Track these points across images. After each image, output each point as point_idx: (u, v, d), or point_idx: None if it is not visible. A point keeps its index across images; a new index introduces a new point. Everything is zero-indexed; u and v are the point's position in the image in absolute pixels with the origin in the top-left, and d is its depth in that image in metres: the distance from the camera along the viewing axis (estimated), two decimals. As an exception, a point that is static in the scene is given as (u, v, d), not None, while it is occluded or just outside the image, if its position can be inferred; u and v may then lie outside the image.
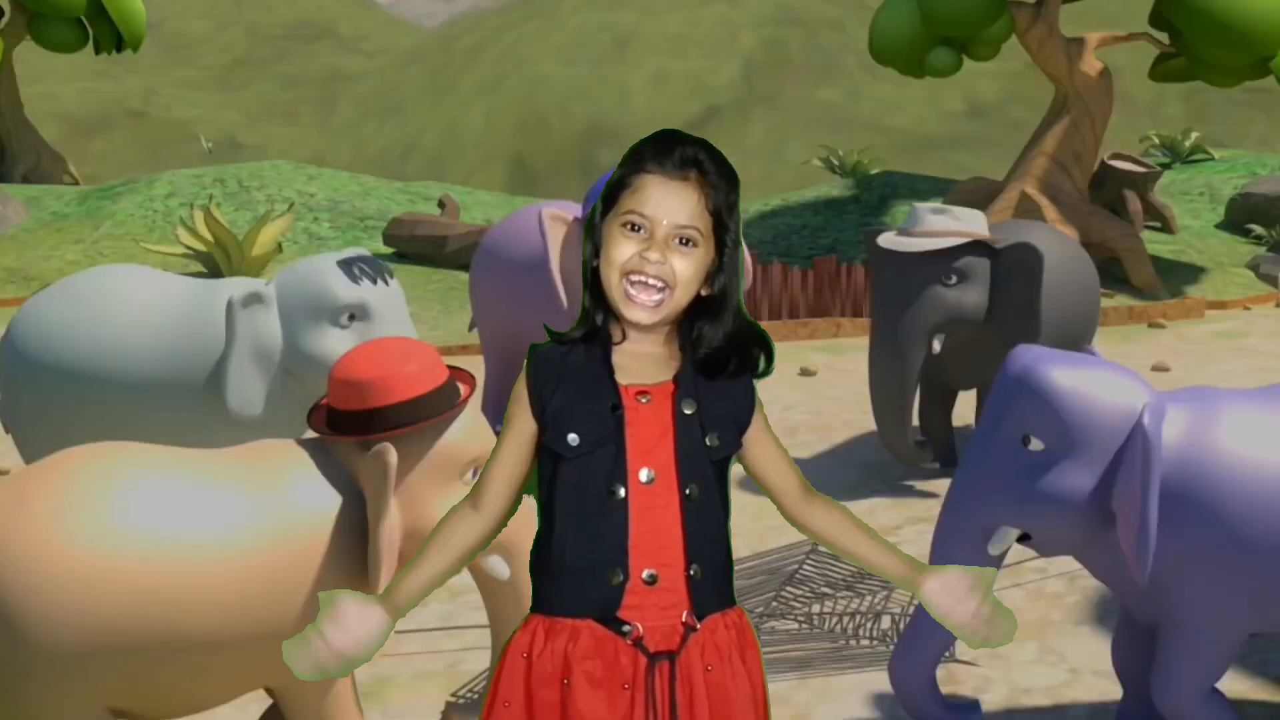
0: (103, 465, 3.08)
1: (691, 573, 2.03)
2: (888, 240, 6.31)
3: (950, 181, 17.66)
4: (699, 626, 2.04)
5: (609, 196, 2.06)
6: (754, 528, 5.70)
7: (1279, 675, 4.30)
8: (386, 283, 4.99)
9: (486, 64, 54.20)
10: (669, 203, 2.01)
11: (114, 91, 52.57)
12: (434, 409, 3.17)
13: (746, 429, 2.11)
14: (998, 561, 3.56)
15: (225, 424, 4.84)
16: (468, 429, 3.25)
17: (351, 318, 4.90)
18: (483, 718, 2.11)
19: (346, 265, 4.94)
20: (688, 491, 2.03)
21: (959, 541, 3.52)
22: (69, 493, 2.98)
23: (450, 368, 3.34)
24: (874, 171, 20.04)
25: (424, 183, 19.89)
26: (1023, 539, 3.52)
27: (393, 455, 3.08)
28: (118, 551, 2.94)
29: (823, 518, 2.16)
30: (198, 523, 3.04)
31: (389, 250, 15.21)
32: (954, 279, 6.21)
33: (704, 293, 2.06)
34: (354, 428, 3.18)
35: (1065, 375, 3.34)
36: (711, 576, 2.06)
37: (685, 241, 2.02)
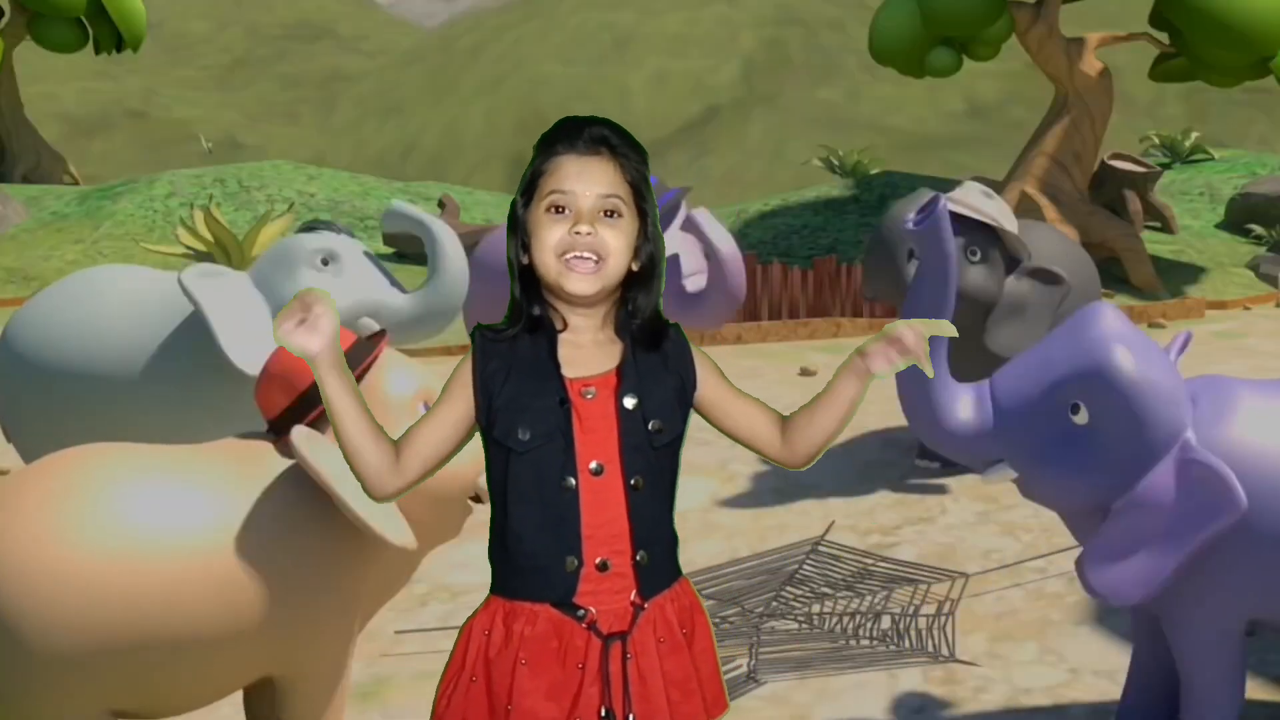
0: (94, 466, 3.08)
1: (638, 559, 2.11)
2: (904, 202, 6.45)
3: (950, 181, 17.63)
4: (646, 606, 2.12)
5: (527, 189, 2.11)
6: (754, 528, 5.70)
7: (1279, 675, 4.30)
8: (348, 235, 5.28)
9: (486, 64, 54.21)
10: (587, 176, 2.07)
11: (114, 91, 52.58)
12: (352, 368, 3.17)
13: (691, 403, 2.18)
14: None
15: (221, 417, 4.84)
16: (398, 373, 3.25)
17: (325, 262, 5.10)
18: (443, 690, 2.15)
19: (305, 227, 5.30)
20: (632, 482, 2.10)
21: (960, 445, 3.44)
22: (62, 495, 2.98)
23: (353, 333, 3.34)
24: (874, 171, 20.05)
25: (424, 183, 19.91)
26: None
27: (302, 440, 3.04)
28: (110, 552, 2.94)
29: (795, 435, 2.20)
30: (189, 520, 3.04)
31: (389, 250, 15.22)
32: (977, 255, 6.28)
33: (634, 267, 2.12)
34: (289, 423, 3.19)
35: (1136, 368, 3.28)
36: (657, 560, 2.14)
37: (610, 213, 2.07)
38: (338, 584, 3.22)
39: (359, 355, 3.21)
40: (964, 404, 3.38)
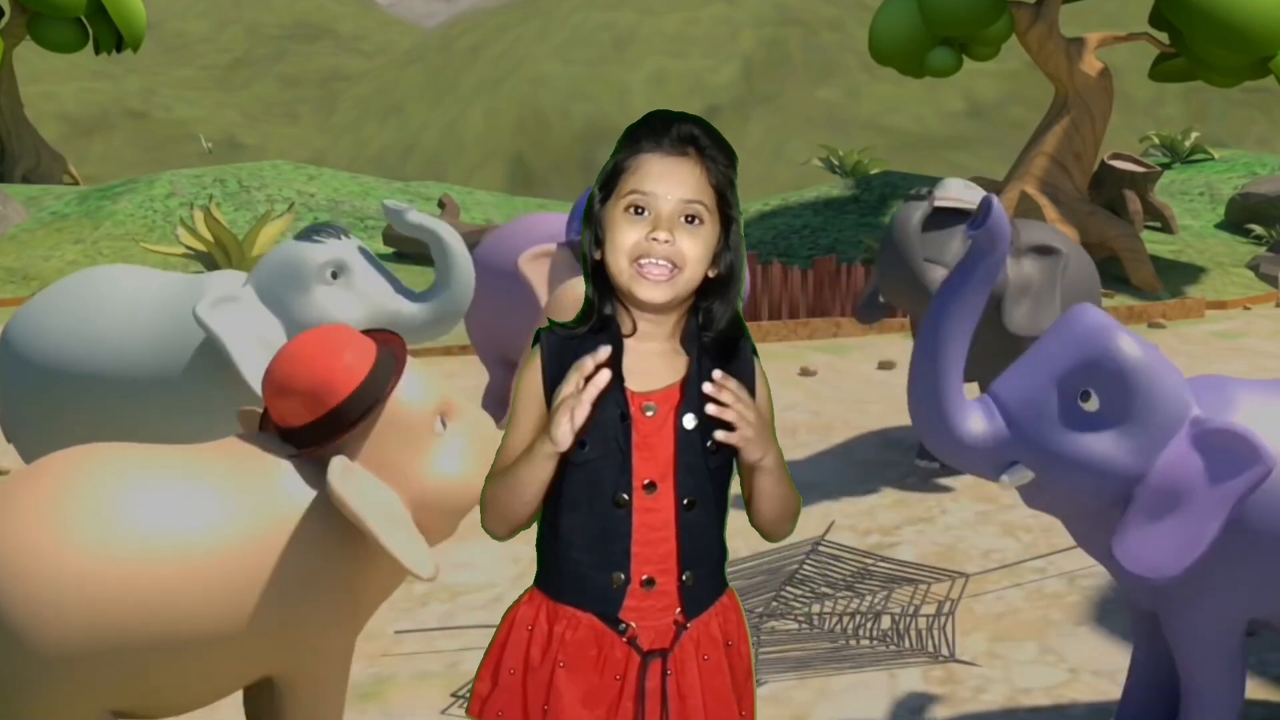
0: (93, 467, 3.08)
1: (684, 579, 2.07)
2: (912, 204, 6.39)
3: (950, 181, 17.64)
4: (689, 625, 2.09)
5: (606, 183, 2.03)
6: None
7: (1279, 675, 4.31)
8: (348, 236, 5.22)
9: (486, 64, 54.19)
10: (671, 179, 1.98)
11: (114, 91, 52.56)
12: (380, 387, 3.14)
13: None
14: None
15: (222, 417, 4.84)
16: (419, 386, 3.21)
17: (334, 274, 5.06)
18: (482, 676, 2.14)
19: (305, 236, 5.16)
20: (685, 502, 2.06)
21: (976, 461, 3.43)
22: (59, 496, 2.98)
23: (370, 335, 3.30)
24: (874, 171, 20.05)
25: (424, 183, 19.91)
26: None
27: (337, 476, 3.02)
28: (111, 552, 2.93)
29: (753, 516, 2.17)
30: (190, 520, 3.03)
31: (389, 250, 15.21)
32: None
33: (711, 274, 2.04)
34: (316, 437, 3.13)
35: (1139, 350, 3.34)
36: (703, 579, 2.10)
37: (691, 219, 1.99)
38: (339, 584, 3.22)
39: (384, 372, 3.19)
40: (975, 418, 3.39)
